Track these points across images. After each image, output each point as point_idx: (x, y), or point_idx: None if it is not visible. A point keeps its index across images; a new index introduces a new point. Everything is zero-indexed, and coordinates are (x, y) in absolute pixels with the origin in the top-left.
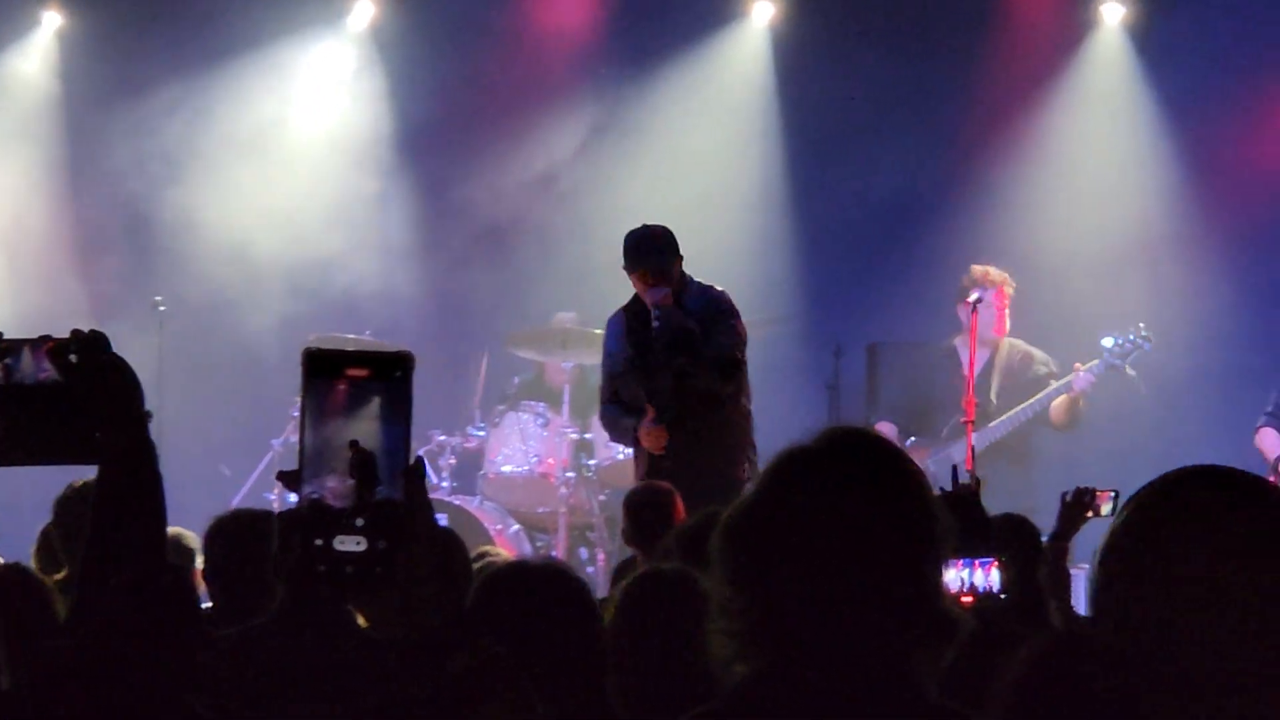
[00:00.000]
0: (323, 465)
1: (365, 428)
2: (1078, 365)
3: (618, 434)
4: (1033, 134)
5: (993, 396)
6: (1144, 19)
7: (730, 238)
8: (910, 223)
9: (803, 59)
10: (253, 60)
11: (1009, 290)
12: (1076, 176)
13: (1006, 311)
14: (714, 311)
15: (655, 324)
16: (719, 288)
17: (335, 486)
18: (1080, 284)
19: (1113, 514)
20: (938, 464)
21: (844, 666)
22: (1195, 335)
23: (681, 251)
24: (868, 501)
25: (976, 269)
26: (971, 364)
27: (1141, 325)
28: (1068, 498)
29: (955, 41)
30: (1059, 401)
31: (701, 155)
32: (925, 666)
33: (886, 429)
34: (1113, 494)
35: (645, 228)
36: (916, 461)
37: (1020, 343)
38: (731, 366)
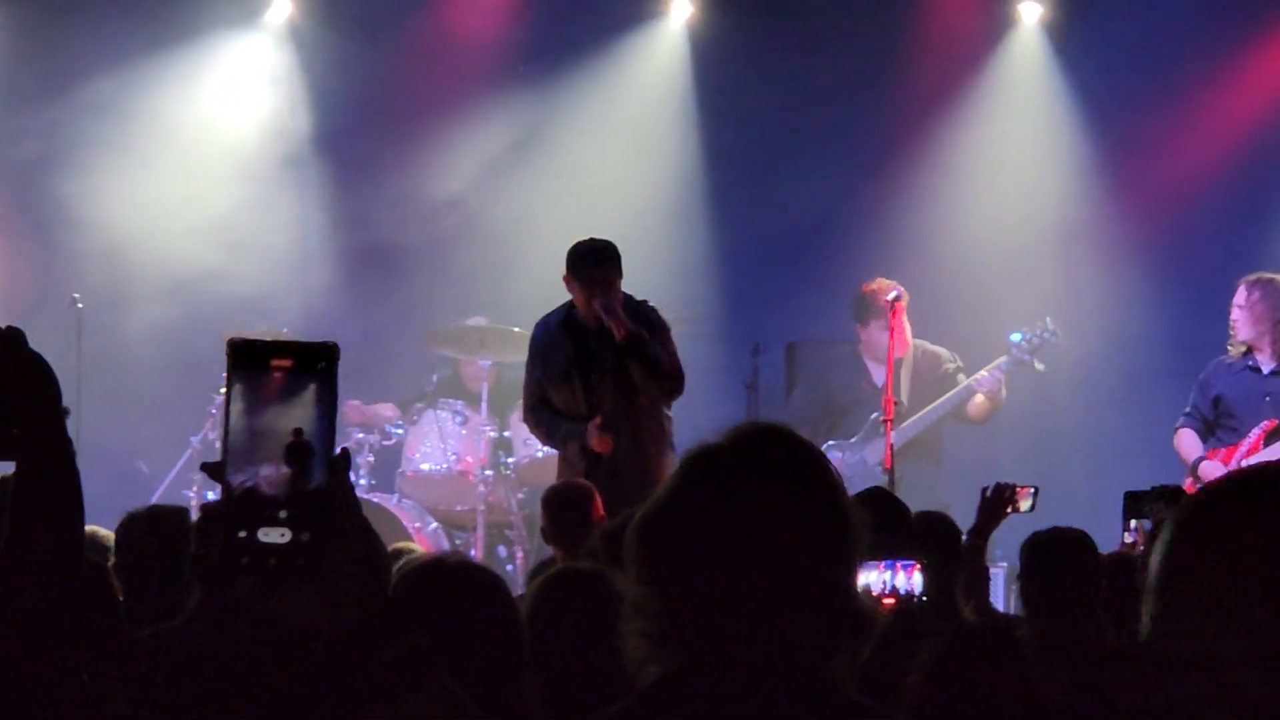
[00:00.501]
0: (252, 455)
1: (295, 418)
2: (984, 370)
3: (556, 440)
4: (951, 133)
5: (903, 398)
6: (1062, 18)
7: (648, 235)
8: (829, 221)
9: (721, 58)
10: (169, 57)
11: (905, 303)
12: (994, 175)
13: (905, 327)
14: (650, 330)
15: (607, 322)
16: (650, 303)
17: (270, 475)
18: (997, 282)
19: (1032, 510)
20: (852, 465)
21: (759, 665)
22: (1111, 333)
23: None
24: (780, 499)
25: (868, 288)
26: (890, 363)
27: (1048, 319)
28: (988, 493)
29: (873, 40)
30: (977, 400)
31: (619, 153)
32: (841, 664)
33: None
34: (1032, 490)
35: (590, 240)
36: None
37: (925, 343)
38: (678, 377)
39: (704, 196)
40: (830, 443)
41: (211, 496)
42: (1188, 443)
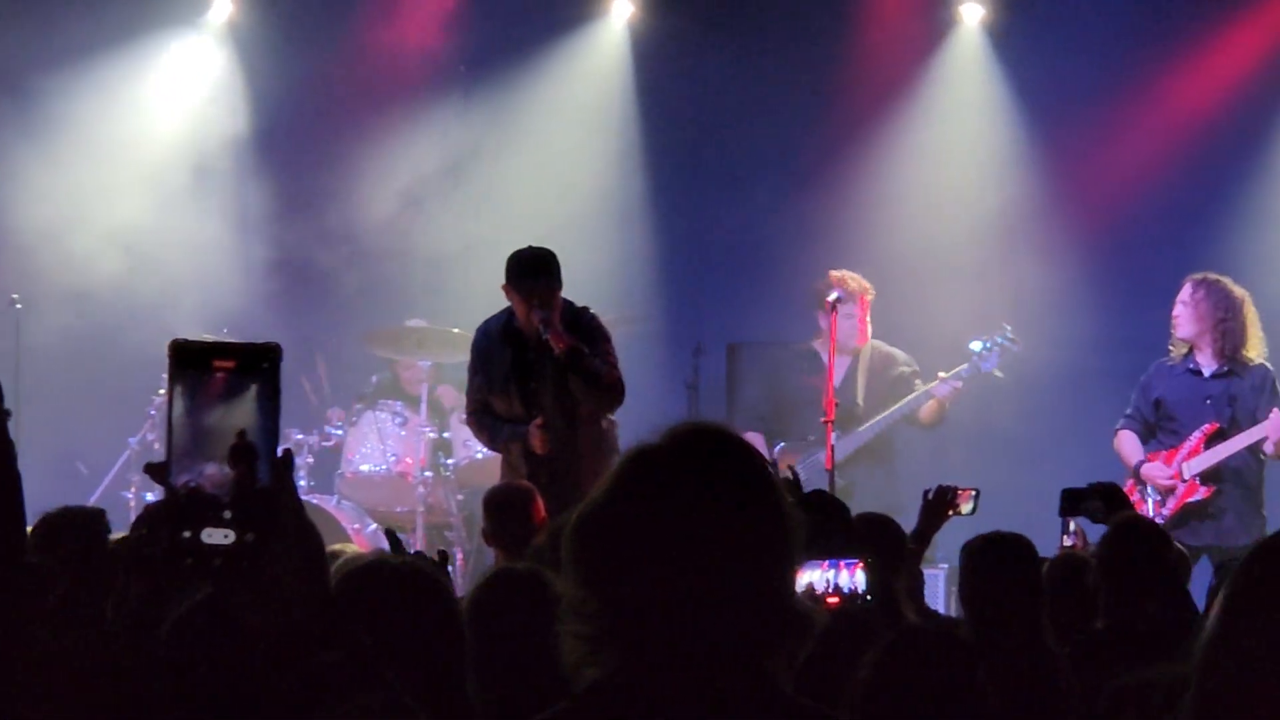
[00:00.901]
0: (195, 455)
1: (238, 419)
2: (940, 374)
3: (496, 443)
4: (893, 135)
5: (859, 400)
6: (1002, 19)
7: (589, 236)
8: (770, 222)
9: (662, 59)
10: (107, 58)
11: (869, 298)
12: (936, 177)
13: (867, 319)
14: (589, 337)
15: (545, 335)
16: (591, 310)
17: (214, 475)
18: (940, 284)
19: (973, 512)
20: (808, 469)
21: (697, 666)
22: (1055, 335)
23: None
24: (716, 499)
25: (834, 274)
26: (831, 367)
27: (1008, 327)
28: (929, 496)
29: (816, 42)
30: (929, 404)
31: (560, 153)
32: (780, 664)
33: (753, 439)
34: (974, 492)
35: (531, 249)
36: (785, 471)
37: (881, 344)
38: (617, 389)
39: (645, 197)
40: (781, 445)
41: (151, 498)
42: (1128, 445)
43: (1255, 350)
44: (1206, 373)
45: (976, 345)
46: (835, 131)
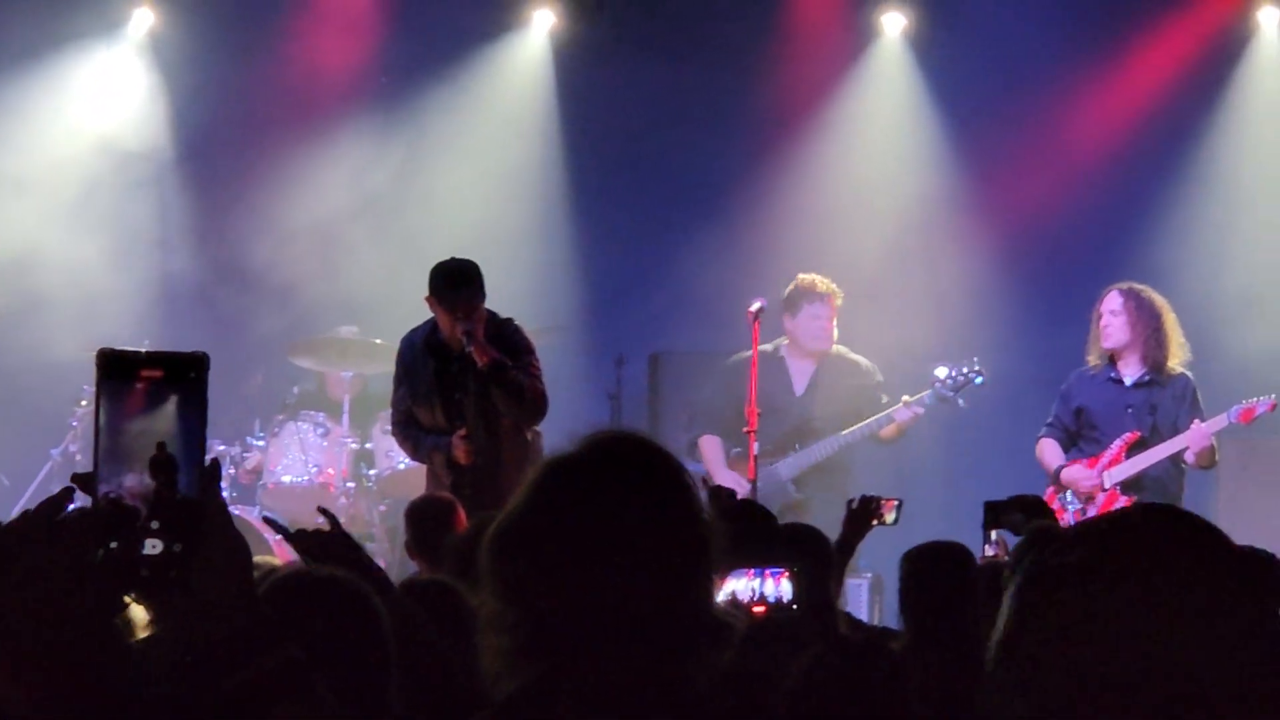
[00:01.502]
0: (121, 466)
1: (160, 429)
2: (906, 398)
3: (420, 454)
4: (816, 143)
5: (818, 412)
6: (924, 29)
7: (511, 246)
8: (693, 232)
9: (584, 68)
10: (26, 70)
11: (837, 301)
12: (860, 186)
13: (834, 323)
14: (513, 350)
15: (468, 348)
16: (515, 322)
17: (133, 485)
18: (863, 294)
19: (896, 522)
20: (764, 477)
21: (617, 675)
22: (979, 345)
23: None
24: (632, 506)
25: (804, 277)
26: (754, 373)
27: (975, 358)
28: (853, 505)
29: (738, 50)
30: (887, 428)
31: (482, 163)
32: (699, 673)
33: (712, 443)
34: (897, 502)
35: (455, 260)
36: (744, 480)
37: (846, 351)
38: (540, 401)
39: (568, 208)
40: (737, 451)
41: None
42: (1049, 452)
43: (1176, 359)
44: (1128, 381)
45: (942, 372)
46: (758, 141)
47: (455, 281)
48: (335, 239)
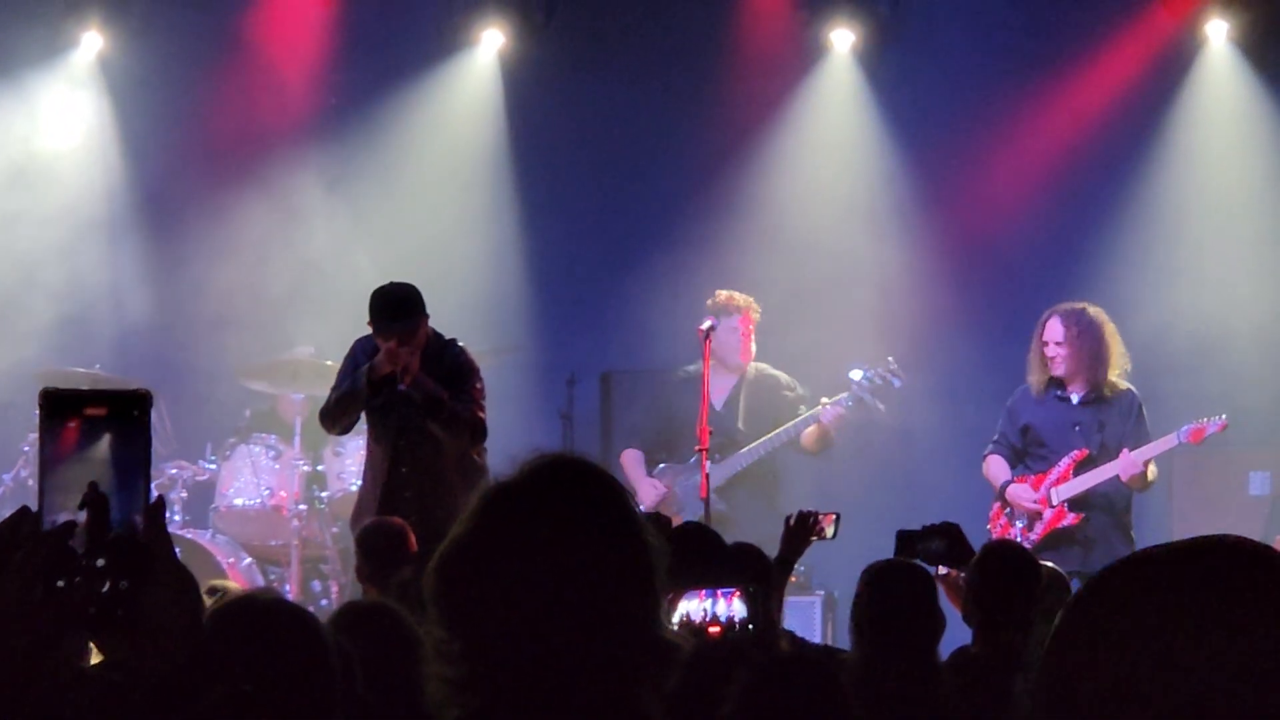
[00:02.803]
0: (58, 505)
1: (103, 467)
2: (824, 400)
3: (341, 405)
4: (765, 160)
5: (740, 424)
6: (873, 45)
7: (461, 265)
8: (643, 250)
9: (533, 88)
10: None
11: (754, 316)
12: (810, 203)
13: (752, 338)
14: (456, 372)
15: (400, 388)
16: (460, 344)
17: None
18: (814, 311)
19: (835, 536)
20: (684, 490)
21: (563, 701)
22: (929, 360)
23: (426, 309)
24: (574, 531)
25: (720, 294)
26: (705, 391)
27: (891, 359)
28: (791, 522)
29: (686, 69)
30: (811, 430)
31: (432, 183)
32: (648, 693)
33: (632, 456)
34: (835, 516)
35: (392, 287)
36: (663, 487)
37: (766, 367)
38: (479, 430)
39: (517, 227)
40: (662, 465)
41: None
42: (996, 467)
43: (1116, 370)
44: (1075, 399)
45: (857, 374)
46: (707, 159)
47: (391, 314)
48: (283, 261)
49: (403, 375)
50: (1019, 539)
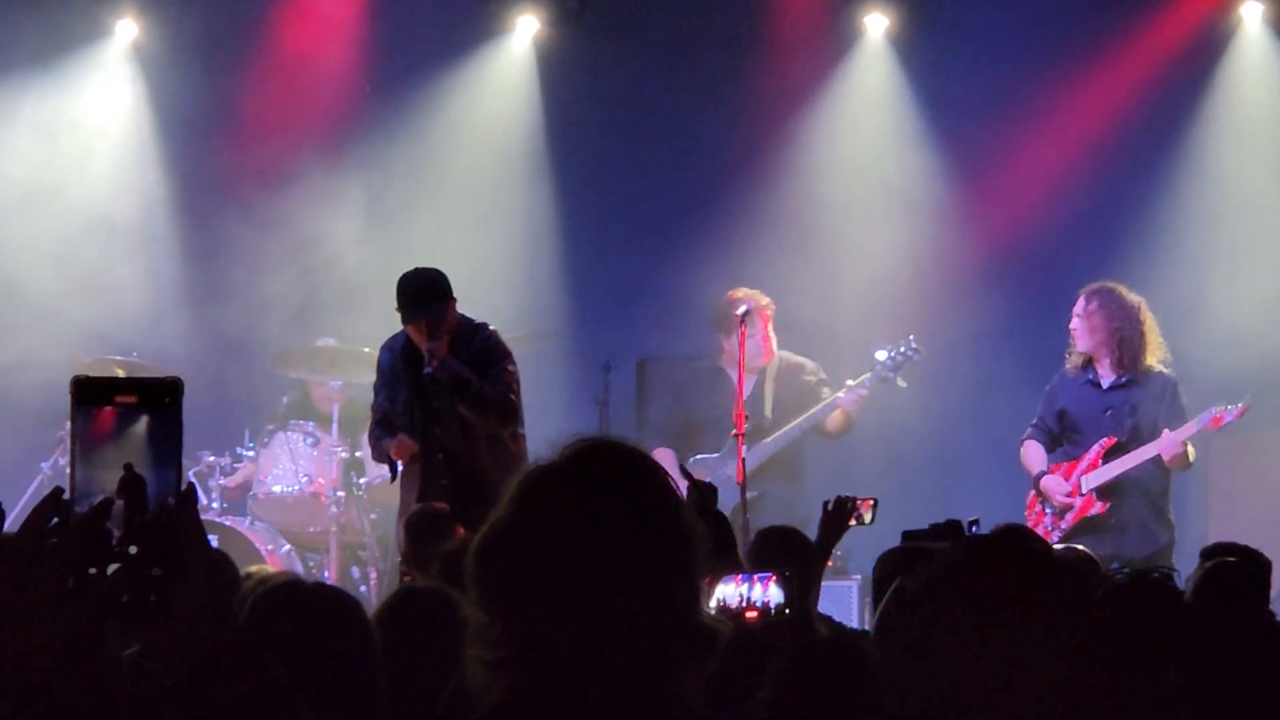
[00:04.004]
0: (93, 490)
1: (135, 454)
2: (848, 381)
3: (377, 453)
4: (800, 146)
5: (767, 412)
6: (908, 30)
7: (497, 252)
8: (680, 235)
9: (568, 74)
10: (11, 82)
11: (770, 314)
12: (844, 188)
13: (770, 334)
14: (486, 355)
15: (426, 370)
16: (490, 326)
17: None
18: (848, 297)
19: (873, 521)
20: (717, 482)
21: (602, 686)
22: (963, 346)
23: (453, 293)
24: (616, 515)
25: (733, 294)
26: (741, 376)
27: (911, 337)
28: (829, 507)
29: (720, 55)
30: (835, 414)
31: (468, 170)
32: (688, 679)
33: (666, 455)
34: (873, 501)
35: (418, 274)
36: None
37: (789, 355)
38: (508, 412)
39: (553, 213)
40: (695, 458)
41: None
42: (1032, 455)
43: (1154, 357)
44: (1105, 384)
45: (881, 355)
46: (742, 145)
47: (416, 299)
48: (321, 247)
49: (430, 358)
50: (1051, 529)
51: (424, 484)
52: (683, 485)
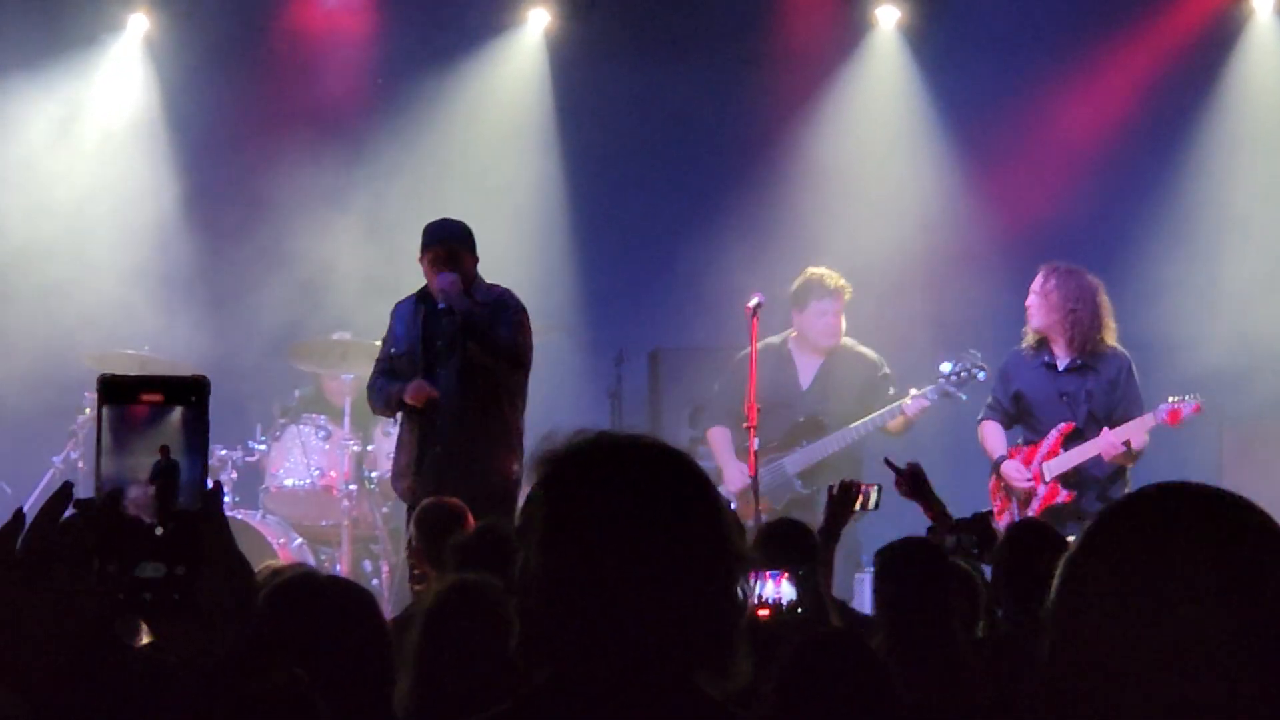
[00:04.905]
0: (121, 482)
1: (158, 445)
2: (912, 390)
3: (382, 403)
4: (812, 139)
5: (831, 403)
6: (919, 21)
7: (509, 245)
8: (692, 228)
9: (580, 67)
10: (24, 76)
11: (846, 297)
12: (856, 179)
13: (842, 319)
14: (500, 305)
15: (440, 305)
16: (507, 287)
17: (137, 496)
18: (861, 290)
19: (877, 507)
20: (770, 472)
21: (628, 675)
22: (976, 338)
23: (477, 254)
24: (654, 510)
25: (813, 272)
26: (753, 369)
27: (977, 353)
28: (834, 491)
29: (731, 47)
30: (895, 421)
31: (479, 162)
32: (708, 677)
33: (720, 435)
34: (877, 486)
35: (445, 218)
36: (749, 474)
37: (854, 343)
38: (516, 354)
39: (565, 206)
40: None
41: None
42: (991, 437)
43: (1110, 338)
44: (1060, 366)
45: (946, 367)
46: (754, 137)
47: (440, 229)
48: (332, 239)
49: (443, 292)
50: (1015, 516)
51: (419, 452)
52: (735, 470)
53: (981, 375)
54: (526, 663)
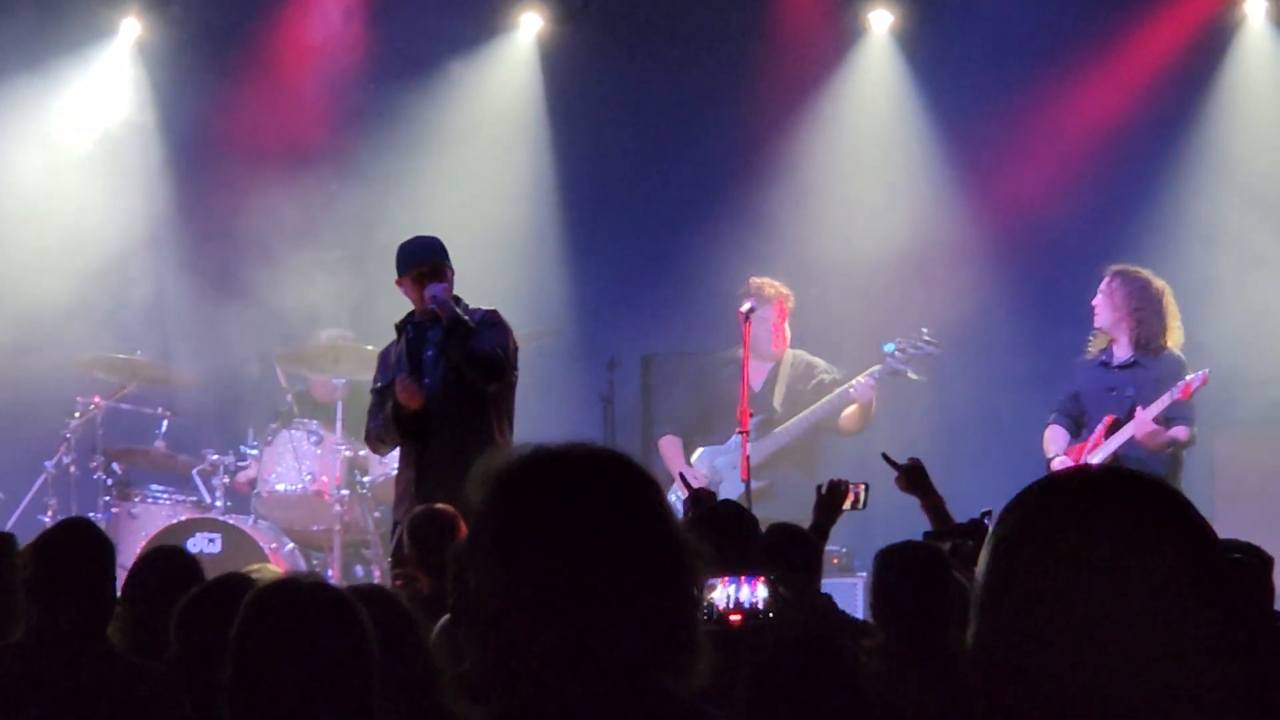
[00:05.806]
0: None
1: None
2: (859, 377)
3: (380, 425)
4: (804, 144)
5: (777, 405)
6: (911, 26)
7: (501, 251)
8: (683, 234)
9: (571, 72)
10: (20, 81)
11: (788, 305)
12: (848, 184)
13: (786, 325)
14: (484, 321)
15: (431, 305)
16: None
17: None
18: (855, 292)
19: (864, 506)
20: (723, 466)
21: (593, 691)
22: (969, 341)
23: (453, 265)
24: (603, 519)
25: (754, 281)
26: (745, 374)
27: (925, 330)
28: (822, 491)
29: (724, 51)
30: (849, 412)
31: (470, 167)
32: (674, 681)
33: (671, 442)
34: (863, 486)
35: (417, 236)
36: (703, 478)
37: (803, 353)
38: (496, 365)
39: (556, 211)
40: (703, 448)
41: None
42: (1050, 440)
43: (1173, 340)
44: (1116, 363)
45: (889, 346)
46: (746, 142)
47: (420, 246)
48: (320, 248)
49: (429, 299)
50: None
51: (419, 475)
52: (690, 474)
53: (933, 351)
54: (487, 686)
